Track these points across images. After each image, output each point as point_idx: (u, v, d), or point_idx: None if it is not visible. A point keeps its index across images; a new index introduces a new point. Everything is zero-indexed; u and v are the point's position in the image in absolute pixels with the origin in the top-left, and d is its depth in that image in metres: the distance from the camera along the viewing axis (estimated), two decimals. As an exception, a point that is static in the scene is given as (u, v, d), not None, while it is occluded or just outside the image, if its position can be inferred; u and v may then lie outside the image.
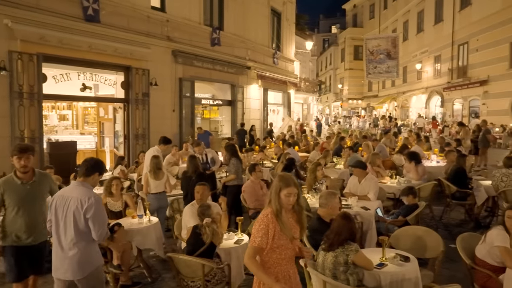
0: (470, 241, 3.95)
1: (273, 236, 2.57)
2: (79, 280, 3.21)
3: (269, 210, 2.64)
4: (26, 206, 3.72)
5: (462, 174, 7.22)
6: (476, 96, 23.84)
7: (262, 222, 2.60)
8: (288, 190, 2.59)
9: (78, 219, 3.14)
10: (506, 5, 20.60)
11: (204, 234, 3.88)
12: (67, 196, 3.21)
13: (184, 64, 13.31)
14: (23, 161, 3.65)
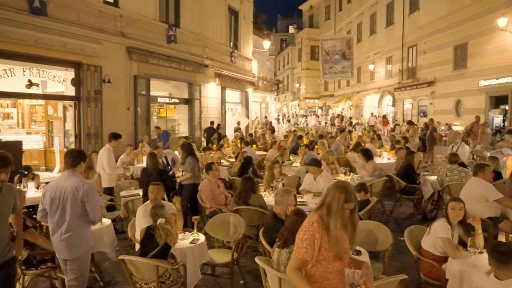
0: (417, 233, 4.16)
1: (320, 248, 2.32)
2: (74, 259, 3.63)
3: (314, 217, 2.39)
4: None
5: (411, 170, 7.59)
6: (424, 96, 25.14)
7: (307, 231, 2.35)
8: (348, 205, 2.37)
9: (76, 205, 3.55)
10: (450, 11, 21.88)
11: (157, 235, 3.79)
12: (61, 185, 3.57)
13: (139, 61, 12.95)
14: (3, 176, 3.01)
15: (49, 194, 3.58)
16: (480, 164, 5.83)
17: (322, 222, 2.36)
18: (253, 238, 5.44)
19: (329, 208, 2.36)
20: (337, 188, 2.41)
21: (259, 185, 6.56)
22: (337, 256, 2.35)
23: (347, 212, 2.38)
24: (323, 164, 7.05)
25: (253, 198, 5.35)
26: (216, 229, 4.83)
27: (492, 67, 18.60)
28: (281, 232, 3.49)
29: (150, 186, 4.74)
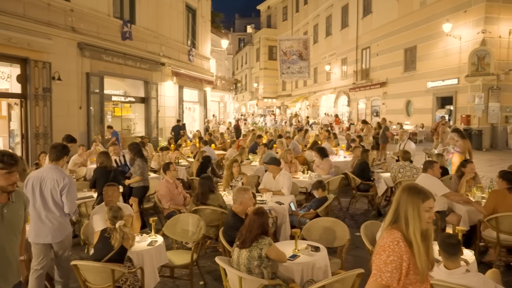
0: (372, 228, 4.29)
1: (408, 271, 1.97)
2: (57, 242, 3.88)
3: (397, 234, 2.00)
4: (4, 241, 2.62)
5: (366, 167, 7.85)
6: (377, 96, 26.15)
7: (392, 252, 1.95)
8: (428, 203, 2.05)
9: (55, 196, 3.81)
10: (401, 15, 22.92)
11: (113, 238, 3.64)
12: (43, 176, 3.82)
13: (92, 58, 12.45)
14: (14, 177, 2.61)
15: (31, 183, 3.83)
16: (429, 160, 6.14)
17: (406, 239, 2.00)
18: (213, 238, 5.38)
19: (406, 217, 2.02)
20: (407, 190, 2.09)
21: (218, 185, 6.51)
22: (423, 275, 2.00)
23: (429, 215, 2.05)
24: (282, 163, 7.12)
25: (212, 198, 5.29)
26: (175, 230, 4.73)
27: (438, 69, 19.71)
28: (240, 231, 3.48)
29: (105, 187, 4.55)
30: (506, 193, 4.68)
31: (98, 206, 4.56)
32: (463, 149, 8.34)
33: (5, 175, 2.50)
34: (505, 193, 4.69)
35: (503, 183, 4.78)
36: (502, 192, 4.72)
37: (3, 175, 2.49)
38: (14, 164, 2.54)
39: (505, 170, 4.97)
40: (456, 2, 18.47)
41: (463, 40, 17.99)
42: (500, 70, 17.13)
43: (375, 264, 2.00)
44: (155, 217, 4.65)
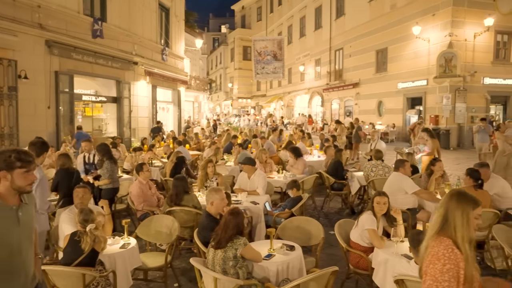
0: (346, 226, 4.36)
1: (464, 280, 1.90)
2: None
3: (449, 242, 1.94)
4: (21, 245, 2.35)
5: (339, 166, 7.96)
6: (350, 97, 26.63)
7: (449, 260, 1.87)
8: (478, 210, 2.01)
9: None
10: (372, 18, 23.44)
11: (83, 241, 3.53)
12: None
13: (61, 56, 12.06)
14: (32, 175, 2.38)
15: None
16: (400, 159, 6.30)
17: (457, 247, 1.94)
18: (188, 239, 5.32)
19: (455, 224, 1.96)
20: (455, 197, 2.06)
21: (193, 185, 6.45)
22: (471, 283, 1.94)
23: (476, 222, 2.01)
24: (257, 163, 7.12)
25: (186, 199, 5.23)
26: (148, 232, 4.65)
27: (408, 71, 20.28)
28: (215, 231, 3.45)
29: (76, 188, 4.40)
30: (472, 191, 4.85)
31: (67, 209, 4.39)
32: (432, 148, 8.62)
33: (24, 174, 2.29)
34: (471, 191, 4.86)
35: (470, 180, 4.95)
36: (468, 190, 4.89)
37: (21, 174, 2.28)
38: (32, 161, 2.35)
39: (472, 168, 5.15)
40: (424, 5, 19.05)
41: (432, 43, 18.58)
42: (466, 72, 17.80)
43: (429, 275, 1.90)
44: (128, 219, 4.55)
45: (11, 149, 2.31)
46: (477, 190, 4.86)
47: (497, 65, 18.62)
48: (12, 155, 2.26)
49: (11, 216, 2.26)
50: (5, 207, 2.25)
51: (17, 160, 2.26)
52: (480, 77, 18.21)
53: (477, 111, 18.29)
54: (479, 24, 17.70)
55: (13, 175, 2.25)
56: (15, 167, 2.25)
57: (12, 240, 2.25)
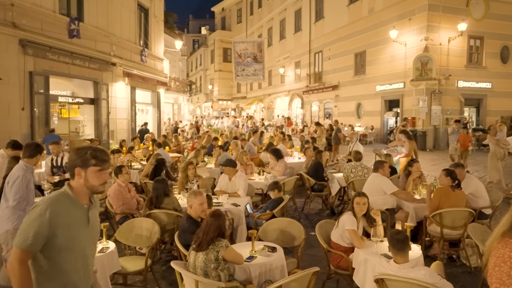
0: (326, 227, 4.40)
1: None
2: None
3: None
4: (88, 249, 2.26)
5: (320, 168, 8.03)
6: (330, 99, 26.95)
7: None
8: None
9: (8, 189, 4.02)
10: (351, 21, 23.81)
11: None
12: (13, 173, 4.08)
13: (36, 56, 11.74)
14: (105, 175, 2.26)
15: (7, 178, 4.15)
16: (379, 161, 6.41)
17: None
18: (168, 242, 5.26)
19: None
20: None
21: (173, 188, 6.38)
22: None
23: None
24: (238, 165, 7.11)
25: (167, 201, 5.17)
26: (128, 236, 4.57)
27: (386, 74, 20.69)
28: (196, 234, 3.42)
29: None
30: (450, 191, 4.98)
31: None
32: (409, 149, 8.79)
33: (97, 173, 2.17)
34: (449, 191, 4.98)
35: (448, 180, 5.04)
36: (446, 189, 5.01)
37: (95, 172, 2.16)
38: (107, 160, 2.23)
39: (449, 169, 5.26)
40: (401, 10, 19.49)
41: (408, 47, 19.02)
42: (441, 75, 18.30)
43: (495, 277, 1.79)
44: (106, 222, 4.46)
45: (88, 146, 2.24)
46: (455, 190, 4.98)
47: (470, 69, 19.22)
48: (88, 152, 2.16)
49: (83, 215, 2.17)
50: (78, 205, 2.15)
51: (92, 157, 2.15)
52: (455, 80, 18.75)
53: (451, 113, 18.81)
54: (453, 29, 18.24)
55: (87, 173, 2.14)
56: (89, 165, 2.15)
57: (80, 239, 2.15)
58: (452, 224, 4.86)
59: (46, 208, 2.01)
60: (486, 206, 5.46)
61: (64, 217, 2.05)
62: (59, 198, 2.11)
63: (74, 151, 2.20)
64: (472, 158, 15.04)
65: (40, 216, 1.99)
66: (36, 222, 1.98)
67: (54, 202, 2.07)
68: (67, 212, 2.08)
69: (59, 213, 2.04)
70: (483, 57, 19.65)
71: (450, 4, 18.21)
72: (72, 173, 2.16)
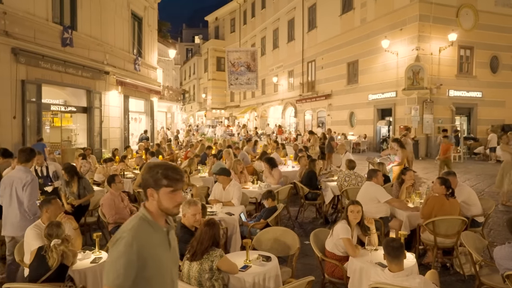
0: (321, 236, 4.39)
1: None
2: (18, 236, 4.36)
3: None
4: (172, 273, 2.09)
5: (313, 176, 8.04)
6: (323, 108, 27.08)
7: None
8: None
9: (20, 193, 4.53)
10: (343, 31, 24.06)
11: (49, 257, 3.38)
12: (13, 176, 4.61)
13: (28, 65, 11.68)
14: (179, 196, 2.06)
15: (3, 183, 4.65)
16: (373, 169, 6.43)
17: None
18: (161, 252, 5.20)
19: None
20: None
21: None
22: None
23: None
24: (232, 173, 7.10)
25: (161, 210, 5.13)
26: (120, 246, 4.51)
27: (378, 83, 20.88)
28: (191, 243, 3.40)
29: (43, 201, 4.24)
30: (444, 200, 5.01)
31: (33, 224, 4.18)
32: (402, 158, 8.86)
33: (170, 194, 1.96)
34: (443, 200, 5.02)
35: (443, 189, 5.07)
36: (440, 198, 5.04)
37: (167, 194, 1.96)
38: (180, 179, 2.01)
39: (444, 177, 5.30)
40: (393, 20, 19.76)
41: (400, 56, 19.25)
42: (432, 85, 18.51)
43: None
44: (99, 232, 4.41)
45: (159, 164, 2.05)
46: (449, 199, 5.01)
47: (461, 78, 19.48)
48: (159, 171, 1.96)
49: (164, 239, 1.99)
50: (158, 228, 1.96)
51: (163, 177, 1.94)
52: (446, 89, 18.98)
53: (443, 122, 19.00)
54: (444, 39, 18.52)
55: (159, 194, 1.95)
56: (161, 185, 1.94)
57: (166, 265, 1.99)
58: (445, 232, 4.88)
59: (131, 239, 1.82)
60: (478, 214, 5.50)
61: (150, 245, 1.88)
62: (140, 224, 1.91)
63: (146, 170, 2.02)
64: (464, 167, 15.19)
65: (127, 249, 1.80)
66: (124, 257, 1.79)
67: (137, 230, 1.87)
68: (151, 239, 1.90)
69: (145, 242, 1.86)
70: (473, 66, 19.94)
71: (440, 15, 18.50)
72: (145, 194, 1.99)
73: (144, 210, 1.97)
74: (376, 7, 21.18)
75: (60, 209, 4.34)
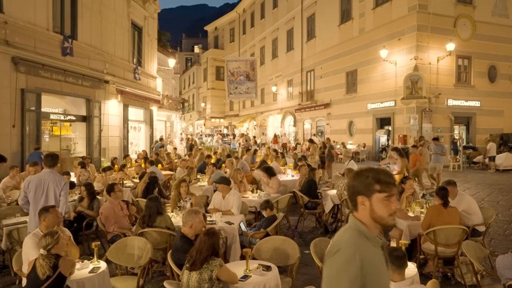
0: (321, 245, 4.35)
1: None
2: None
3: None
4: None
5: (313, 185, 8.02)
6: (322, 117, 27.15)
7: None
8: None
9: (56, 194, 5.02)
10: (342, 41, 24.23)
11: (39, 266, 3.32)
12: (44, 179, 5.00)
13: (28, 74, 11.72)
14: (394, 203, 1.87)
15: (34, 184, 4.95)
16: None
17: None
18: (160, 261, 5.17)
19: None
20: None
21: (165, 206, 6.31)
22: None
23: None
24: (232, 182, 7.07)
25: (159, 220, 5.10)
26: (119, 255, 4.48)
27: (377, 92, 20.96)
28: (190, 253, 3.37)
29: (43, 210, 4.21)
30: (442, 209, 4.99)
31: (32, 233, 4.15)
32: (401, 167, 8.86)
33: (384, 201, 1.73)
34: (440, 209, 5.00)
35: (437, 198, 5.09)
36: (437, 207, 5.03)
37: (381, 201, 1.73)
38: (393, 183, 1.78)
39: (440, 186, 5.30)
40: (391, 30, 19.91)
41: (398, 66, 19.35)
42: (431, 94, 18.59)
43: None
44: (97, 241, 4.38)
45: (368, 168, 1.84)
46: (447, 208, 5.00)
47: (459, 88, 19.57)
48: (370, 176, 1.77)
49: (381, 254, 1.76)
50: (376, 242, 1.75)
51: (375, 181, 1.74)
52: (444, 98, 19.05)
53: (442, 131, 19.04)
54: (442, 49, 18.64)
55: (372, 202, 1.75)
56: (373, 191, 1.74)
57: (385, 285, 1.76)
58: (446, 242, 4.86)
59: (353, 252, 1.62)
60: (479, 223, 5.47)
61: (371, 260, 1.66)
62: (357, 236, 1.71)
63: (353, 176, 1.84)
64: (463, 176, 15.18)
65: (349, 263, 1.61)
66: (347, 272, 1.60)
67: (358, 243, 1.68)
68: (370, 253, 1.68)
69: (365, 256, 1.64)
70: (471, 76, 20.04)
71: (438, 25, 18.66)
72: (354, 203, 1.80)
73: (356, 221, 1.77)
74: (375, 17, 21.37)
75: (58, 218, 4.30)
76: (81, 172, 9.37)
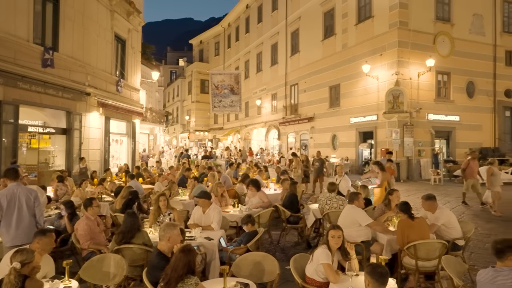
0: (301, 261, 4.29)
1: None
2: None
3: None
4: None
5: (294, 199, 7.97)
6: (305, 130, 27.31)
7: None
8: None
9: (30, 205, 5.06)
10: (325, 56, 24.60)
11: (7, 283, 3.16)
12: (14, 192, 4.98)
13: (6, 85, 11.44)
14: None
15: (4, 199, 4.92)
16: (354, 192, 6.41)
17: None
18: (137, 279, 5.00)
19: None
20: None
21: (144, 221, 6.16)
22: None
23: None
24: (213, 197, 6.97)
25: (137, 236, 4.96)
26: (94, 273, 4.31)
27: (360, 106, 21.24)
28: (165, 271, 3.26)
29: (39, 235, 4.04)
30: (410, 221, 5.04)
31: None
32: (382, 180, 8.91)
33: None
34: (409, 221, 5.04)
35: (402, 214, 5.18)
36: (406, 221, 5.07)
37: None
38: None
39: (401, 202, 5.37)
40: (373, 46, 20.31)
41: (380, 80, 19.70)
42: (412, 108, 18.93)
43: None
44: (70, 259, 4.21)
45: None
46: (414, 219, 5.05)
47: (439, 103, 20.00)
48: None
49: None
50: None
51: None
52: (425, 113, 19.42)
53: (423, 145, 19.34)
54: (422, 65, 19.08)
55: None
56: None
57: None
58: (426, 256, 4.85)
59: None
60: (458, 237, 5.50)
61: None
62: None
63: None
64: (444, 189, 15.39)
65: None
66: None
67: None
68: None
69: None
70: (451, 91, 20.53)
71: (418, 41, 19.12)
72: None
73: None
74: (357, 33, 21.79)
75: (52, 244, 4.10)
76: (58, 186, 9.11)
